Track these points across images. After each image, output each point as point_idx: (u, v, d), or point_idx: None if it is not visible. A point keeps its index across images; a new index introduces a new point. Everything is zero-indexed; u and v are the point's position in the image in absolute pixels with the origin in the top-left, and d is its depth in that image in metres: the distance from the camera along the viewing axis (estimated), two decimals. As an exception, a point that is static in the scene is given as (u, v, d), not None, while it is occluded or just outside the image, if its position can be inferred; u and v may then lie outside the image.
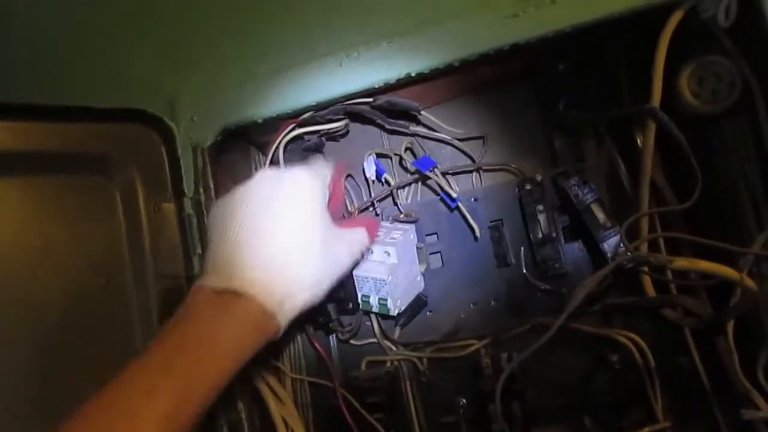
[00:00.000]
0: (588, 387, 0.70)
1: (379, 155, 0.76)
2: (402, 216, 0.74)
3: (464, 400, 0.73)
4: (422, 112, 0.70)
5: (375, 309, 0.69)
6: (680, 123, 0.62)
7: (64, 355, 0.63)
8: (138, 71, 0.73)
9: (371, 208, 0.76)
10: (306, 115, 0.71)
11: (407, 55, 0.65)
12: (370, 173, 0.75)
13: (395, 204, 0.75)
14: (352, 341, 0.76)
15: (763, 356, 0.61)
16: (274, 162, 0.74)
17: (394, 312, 0.69)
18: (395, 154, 0.75)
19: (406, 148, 0.74)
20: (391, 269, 0.67)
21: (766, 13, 0.57)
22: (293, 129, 0.72)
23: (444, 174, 0.72)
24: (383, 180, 0.76)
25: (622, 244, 0.61)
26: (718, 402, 0.65)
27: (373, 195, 0.76)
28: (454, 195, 0.70)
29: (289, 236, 0.53)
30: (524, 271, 0.71)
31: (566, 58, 0.68)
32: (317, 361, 0.77)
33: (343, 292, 0.72)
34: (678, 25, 0.61)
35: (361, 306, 0.70)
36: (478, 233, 0.71)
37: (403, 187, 0.75)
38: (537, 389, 0.70)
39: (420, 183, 0.75)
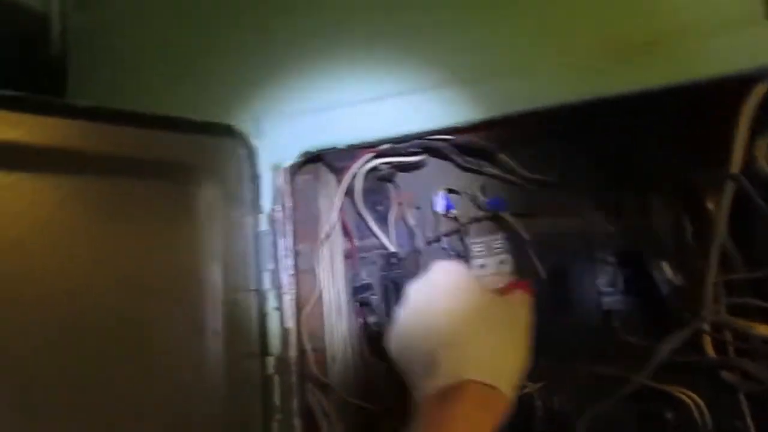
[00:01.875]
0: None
1: (449, 191, 0.78)
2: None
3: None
4: (500, 154, 0.73)
5: None
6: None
7: (128, 363, 0.65)
8: (227, 88, 0.77)
9: (439, 242, 0.78)
10: (385, 146, 0.73)
11: (493, 99, 0.68)
12: (440, 208, 0.77)
13: (461, 240, 0.77)
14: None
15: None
16: (350, 188, 0.76)
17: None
18: (466, 192, 0.77)
19: (480, 187, 0.76)
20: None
21: None
22: (371, 159, 0.75)
23: (514, 215, 0.74)
24: (452, 215, 0.78)
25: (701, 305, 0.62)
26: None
27: (441, 230, 0.78)
28: (526, 236, 0.71)
29: (480, 318, 0.58)
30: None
31: (646, 115, 0.70)
32: (366, 384, 0.79)
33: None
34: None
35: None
36: (542, 275, 0.73)
37: (471, 223, 0.77)
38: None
39: (487, 221, 0.77)
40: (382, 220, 0.80)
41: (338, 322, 0.80)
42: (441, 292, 0.60)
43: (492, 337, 0.56)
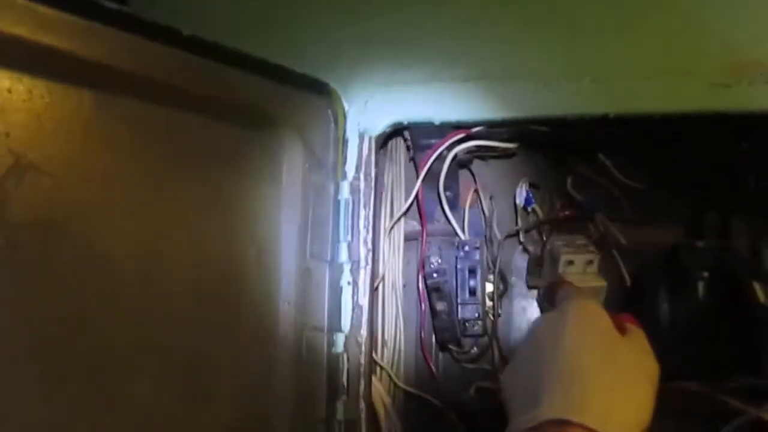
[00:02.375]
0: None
1: (531, 185, 0.75)
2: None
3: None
4: (600, 154, 0.70)
5: None
6: None
7: (217, 324, 0.59)
8: (321, 45, 0.71)
9: (516, 236, 0.75)
10: (479, 129, 0.70)
11: (608, 96, 0.66)
12: (521, 201, 0.74)
13: (541, 236, 0.74)
14: (464, 364, 0.74)
15: None
16: (433, 166, 0.72)
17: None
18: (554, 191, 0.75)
19: (571, 184, 0.74)
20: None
21: None
22: (462, 140, 0.71)
23: (610, 219, 0.72)
24: (531, 210, 0.75)
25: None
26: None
27: (519, 224, 0.75)
28: (623, 241, 0.69)
29: (602, 359, 0.52)
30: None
31: (749, 138, 0.69)
32: (422, 374, 0.75)
33: (477, 313, 0.71)
34: None
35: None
36: (628, 282, 0.71)
37: (553, 222, 0.74)
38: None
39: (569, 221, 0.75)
40: (452, 206, 0.76)
41: (393, 305, 0.76)
42: (568, 329, 0.54)
43: (611, 380, 0.50)
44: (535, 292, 0.76)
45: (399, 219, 0.75)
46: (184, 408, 0.55)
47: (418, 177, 0.73)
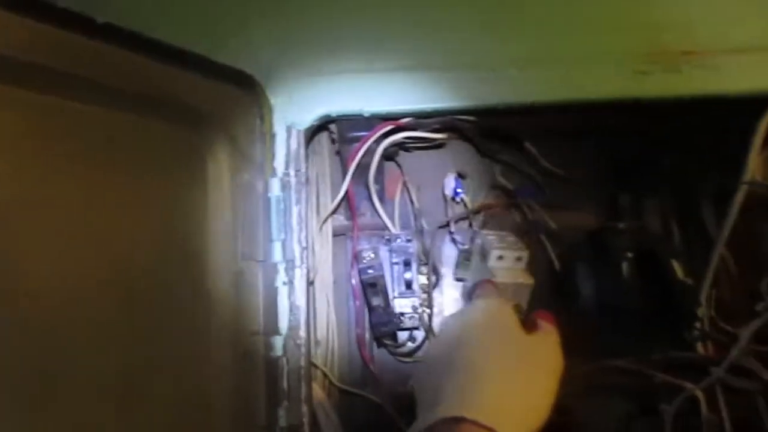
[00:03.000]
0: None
1: (460, 175, 0.75)
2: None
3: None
4: (526, 142, 0.72)
5: None
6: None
7: (147, 330, 0.54)
8: (243, 36, 0.67)
9: (446, 227, 0.75)
10: (408, 120, 0.69)
11: (533, 85, 0.67)
12: (449, 191, 0.75)
13: (470, 226, 0.75)
14: (400, 358, 0.74)
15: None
16: (362, 159, 0.71)
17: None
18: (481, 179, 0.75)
19: (499, 173, 0.75)
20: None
21: None
22: (391, 132, 0.70)
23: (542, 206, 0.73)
24: (459, 200, 0.75)
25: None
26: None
27: (449, 215, 0.75)
28: (553, 227, 0.71)
29: (502, 358, 0.53)
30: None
31: (669, 122, 0.73)
32: (357, 371, 0.74)
33: (412, 305, 0.71)
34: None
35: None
36: (557, 267, 0.73)
37: (485, 210, 0.75)
38: (583, 428, 0.72)
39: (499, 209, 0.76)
40: (381, 199, 0.75)
41: (324, 302, 0.74)
42: (471, 328, 0.56)
43: (508, 377, 0.51)
44: (457, 286, 0.77)
45: (332, 214, 0.73)
46: (116, 416, 0.51)
47: (345, 170, 0.72)
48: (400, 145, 0.75)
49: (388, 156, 0.75)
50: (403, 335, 0.73)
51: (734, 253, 0.73)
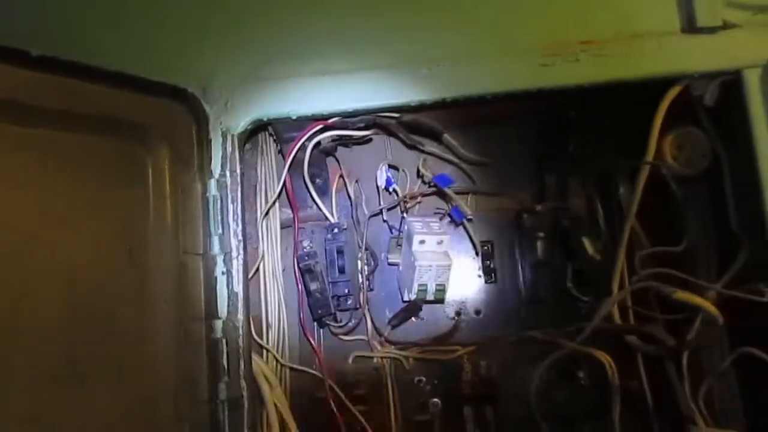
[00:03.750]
0: (553, 398, 0.78)
1: (391, 167, 0.82)
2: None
3: (439, 401, 0.80)
4: (445, 135, 0.78)
5: (431, 297, 0.76)
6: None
7: (92, 322, 0.63)
8: (177, 49, 0.75)
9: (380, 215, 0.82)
10: (336, 119, 0.76)
11: (443, 82, 0.72)
12: (381, 182, 0.81)
13: (403, 213, 0.81)
14: (341, 336, 0.81)
15: (704, 385, 0.73)
16: (297, 158, 0.78)
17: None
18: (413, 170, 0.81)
19: (423, 164, 0.81)
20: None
21: (745, 98, 0.70)
22: (321, 131, 0.77)
23: (457, 192, 0.79)
24: (391, 190, 0.82)
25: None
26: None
27: (382, 204, 0.82)
28: (469, 213, 0.77)
29: None
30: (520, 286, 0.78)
31: (577, 108, 0.78)
32: (305, 351, 0.81)
33: (347, 289, 0.78)
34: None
35: (416, 296, 0.76)
36: (478, 250, 0.79)
37: (412, 199, 0.81)
38: (508, 397, 0.78)
39: (425, 197, 0.82)
40: (323, 192, 0.82)
41: (274, 289, 0.82)
42: None
43: None
44: (395, 269, 0.83)
45: (269, 209, 0.80)
46: (62, 396, 0.60)
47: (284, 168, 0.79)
48: (337, 142, 0.81)
49: (327, 152, 0.82)
50: (344, 316, 0.80)
51: (647, 228, 0.77)
